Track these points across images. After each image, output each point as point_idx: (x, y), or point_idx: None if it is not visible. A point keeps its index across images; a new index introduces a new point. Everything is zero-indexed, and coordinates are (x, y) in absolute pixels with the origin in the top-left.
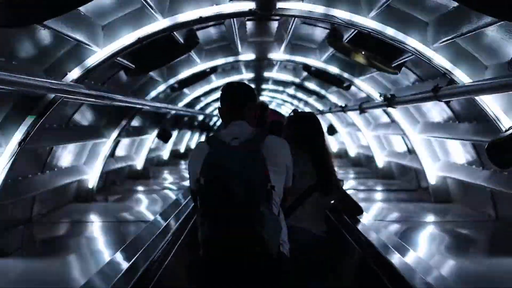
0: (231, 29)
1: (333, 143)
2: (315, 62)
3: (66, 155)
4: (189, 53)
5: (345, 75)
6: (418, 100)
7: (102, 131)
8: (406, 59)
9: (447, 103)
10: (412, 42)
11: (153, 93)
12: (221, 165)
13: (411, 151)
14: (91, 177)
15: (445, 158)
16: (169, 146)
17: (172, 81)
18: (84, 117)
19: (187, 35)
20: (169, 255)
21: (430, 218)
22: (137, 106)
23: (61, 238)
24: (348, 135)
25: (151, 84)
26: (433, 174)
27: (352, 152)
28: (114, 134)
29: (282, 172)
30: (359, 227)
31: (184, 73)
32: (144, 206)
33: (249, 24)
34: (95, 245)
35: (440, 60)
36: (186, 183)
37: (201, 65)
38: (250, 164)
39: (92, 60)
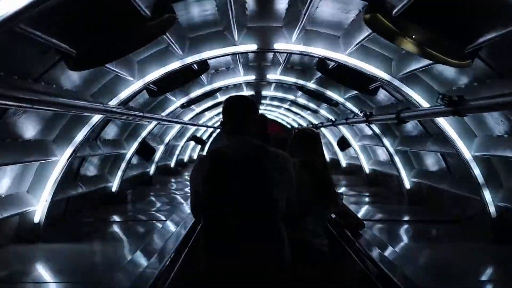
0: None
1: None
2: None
3: (1, 179)
4: (200, 76)
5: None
6: (386, 120)
7: (50, 147)
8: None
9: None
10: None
11: (168, 109)
12: (225, 179)
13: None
14: (38, 208)
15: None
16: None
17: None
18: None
19: (200, 63)
20: None
21: None
22: (162, 122)
23: None
24: (362, 149)
25: (166, 103)
26: None
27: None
28: (69, 150)
29: (285, 185)
30: (361, 241)
31: (194, 93)
32: (112, 248)
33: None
34: None
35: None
36: (180, 209)
37: (208, 86)
38: (254, 177)
39: (130, 90)
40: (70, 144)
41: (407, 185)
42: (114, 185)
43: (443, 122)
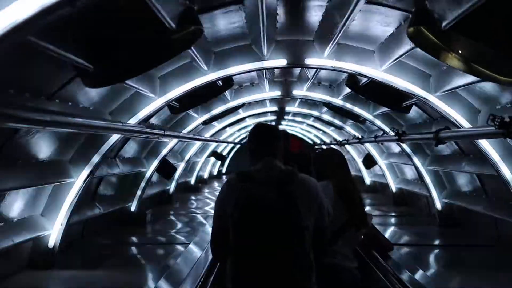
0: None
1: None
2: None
3: (13, 202)
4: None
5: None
6: (421, 140)
7: (66, 168)
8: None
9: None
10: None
11: (190, 126)
12: (255, 204)
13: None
14: (53, 232)
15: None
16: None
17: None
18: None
19: (225, 79)
20: None
21: None
22: (183, 140)
23: None
24: (389, 167)
25: (187, 119)
26: None
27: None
28: (86, 171)
29: (314, 211)
30: (390, 264)
31: (217, 110)
32: (132, 275)
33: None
34: None
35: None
36: (202, 230)
37: (231, 102)
38: (283, 203)
39: (151, 107)
40: (87, 164)
41: (438, 206)
42: (133, 205)
43: (484, 142)
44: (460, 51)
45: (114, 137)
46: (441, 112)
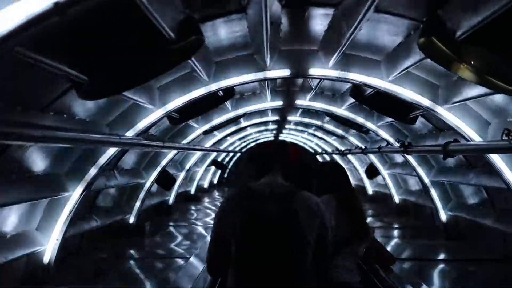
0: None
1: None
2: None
3: (7, 217)
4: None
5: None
6: (429, 152)
7: (61, 182)
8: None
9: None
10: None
11: (190, 137)
12: (259, 221)
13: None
14: (48, 248)
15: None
16: (174, 188)
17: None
18: (31, 162)
19: (226, 89)
20: None
21: None
22: (181, 150)
23: None
24: (392, 178)
25: (187, 130)
26: None
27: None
28: (82, 184)
29: (316, 227)
30: (392, 278)
31: (217, 120)
32: None
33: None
34: None
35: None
36: (202, 243)
37: (232, 112)
38: (286, 220)
39: (150, 119)
40: (84, 178)
41: (443, 218)
42: (132, 216)
43: (494, 155)
44: (472, 62)
45: (112, 150)
46: (449, 124)
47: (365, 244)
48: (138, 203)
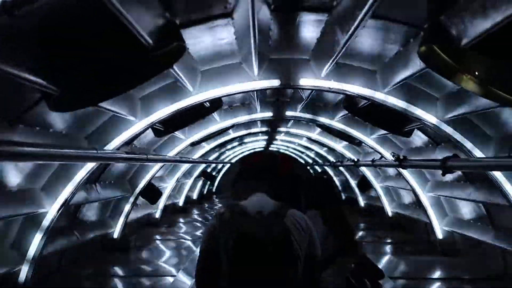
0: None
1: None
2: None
3: None
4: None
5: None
6: (426, 167)
7: (37, 197)
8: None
9: None
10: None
11: (177, 148)
12: (250, 240)
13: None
14: (23, 267)
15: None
16: (162, 200)
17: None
18: (3, 176)
19: (213, 100)
20: None
21: None
22: (166, 162)
23: None
24: (385, 190)
25: (174, 141)
26: None
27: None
28: (60, 200)
29: (306, 243)
30: None
31: (205, 131)
32: None
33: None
34: None
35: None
36: (190, 258)
37: (220, 123)
38: (277, 238)
39: (131, 131)
40: (62, 192)
41: (439, 234)
42: (116, 231)
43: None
44: (477, 73)
45: (90, 164)
46: (449, 138)
47: (354, 259)
48: (122, 217)
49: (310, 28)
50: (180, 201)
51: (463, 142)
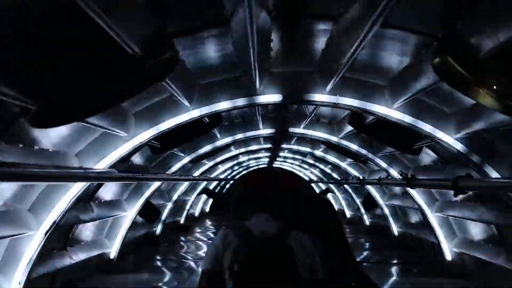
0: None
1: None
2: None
3: None
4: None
5: (362, 150)
6: (436, 187)
7: (24, 218)
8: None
9: None
10: None
11: (176, 166)
12: (255, 260)
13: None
14: None
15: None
16: (162, 217)
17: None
18: None
19: (212, 115)
20: None
21: None
22: (163, 181)
23: None
24: (391, 209)
25: (173, 158)
26: None
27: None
28: (48, 221)
29: (308, 264)
30: None
31: (205, 148)
32: None
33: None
34: None
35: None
36: (192, 280)
37: (221, 140)
38: (282, 259)
39: (124, 149)
40: (50, 213)
41: (448, 255)
42: (113, 251)
43: None
44: (495, 87)
45: (80, 183)
46: (460, 156)
47: (354, 279)
48: (119, 237)
49: (314, 38)
50: (182, 219)
51: (476, 161)
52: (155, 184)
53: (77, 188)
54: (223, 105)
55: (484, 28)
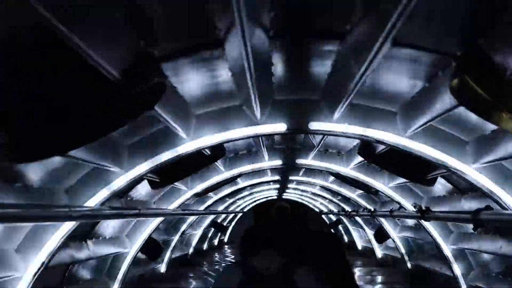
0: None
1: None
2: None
3: None
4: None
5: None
6: (453, 220)
7: (10, 259)
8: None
9: None
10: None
11: (178, 201)
12: None
13: None
14: None
15: None
16: (167, 252)
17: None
18: None
19: (214, 147)
20: None
21: None
22: (165, 217)
23: None
24: (403, 241)
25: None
26: None
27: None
28: (37, 262)
29: None
30: None
31: (209, 181)
32: None
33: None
34: None
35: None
36: None
37: (226, 173)
38: None
39: (117, 184)
40: (39, 253)
41: None
42: None
43: None
44: None
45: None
46: (478, 187)
47: None
48: (120, 276)
49: (319, 61)
50: (189, 253)
51: (497, 192)
52: (158, 220)
53: (67, 226)
54: (223, 136)
55: (511, 44)
